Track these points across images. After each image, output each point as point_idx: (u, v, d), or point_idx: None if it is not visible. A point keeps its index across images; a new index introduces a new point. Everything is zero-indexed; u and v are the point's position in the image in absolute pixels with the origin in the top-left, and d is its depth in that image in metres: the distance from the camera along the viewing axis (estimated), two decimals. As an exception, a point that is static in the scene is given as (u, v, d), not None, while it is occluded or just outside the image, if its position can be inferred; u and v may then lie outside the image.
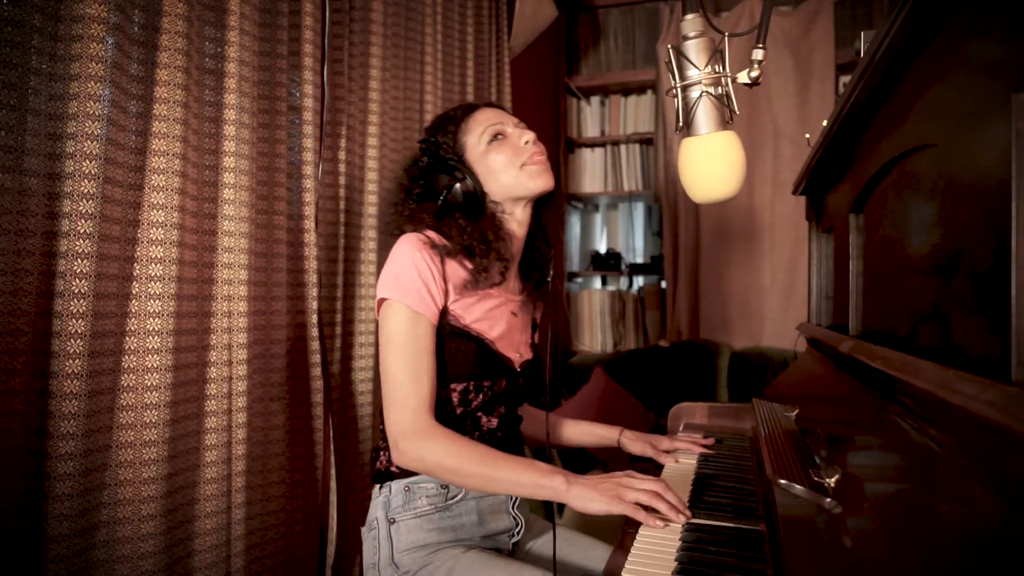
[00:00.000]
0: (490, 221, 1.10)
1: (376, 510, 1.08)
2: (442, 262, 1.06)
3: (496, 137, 1.13)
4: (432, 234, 1.10)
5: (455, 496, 1.06)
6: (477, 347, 1.08)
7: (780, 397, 1.21)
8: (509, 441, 1.16)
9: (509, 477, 0.97)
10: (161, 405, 1.14)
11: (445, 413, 1.07)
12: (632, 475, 0.94)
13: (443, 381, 1.07)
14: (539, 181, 1.12)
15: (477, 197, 1.10)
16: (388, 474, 1.08)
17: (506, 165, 1.11)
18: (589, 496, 0.91)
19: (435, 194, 1.12)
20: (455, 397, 1.08)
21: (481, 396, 1.09)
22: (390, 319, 1.03)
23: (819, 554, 0.61)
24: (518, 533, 1.11)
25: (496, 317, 1.12)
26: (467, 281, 1.07)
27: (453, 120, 1.16)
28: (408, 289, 1.02)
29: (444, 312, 1.06)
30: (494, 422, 1.12)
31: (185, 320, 1.21)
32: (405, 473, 1.06)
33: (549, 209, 1.23)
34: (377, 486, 1.11)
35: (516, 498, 1.11)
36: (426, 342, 1.03)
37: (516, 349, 1.15)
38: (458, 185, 1.10)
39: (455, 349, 1.07)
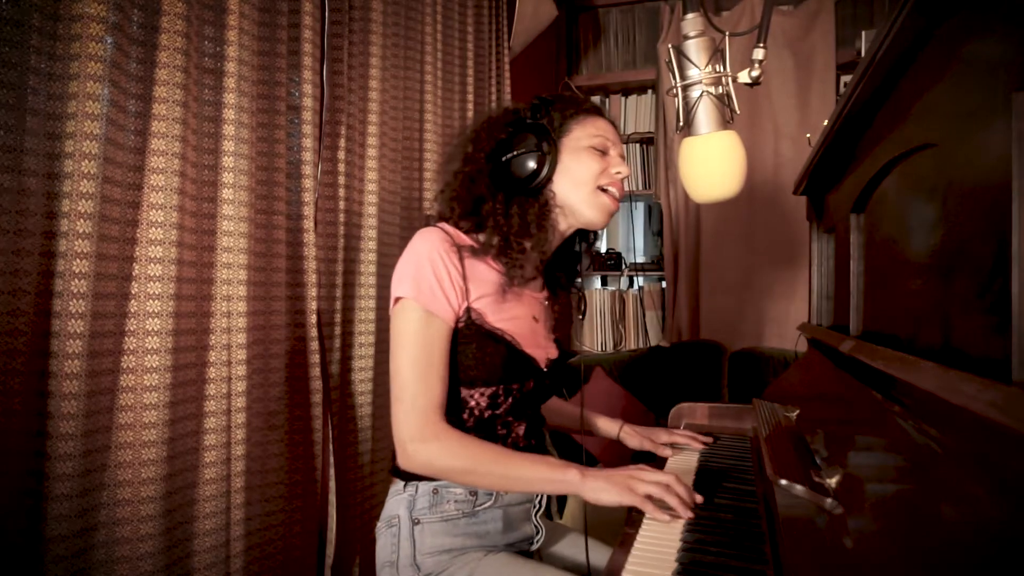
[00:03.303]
0: (541, 207, 1.06)
1: (398, 507, 1.05)
2: (461, 260, 1.02)
3: (598, 149, 1.09)
4: (452, 229, 1.06)
5: (483, 503, 1.04)
6: (505, 349, 1.04)
7: (781, 397, 1.21)
8: (538, 449, 1.14)
9: (524, 474, 0.97)
10: (160, 405, 1.14)
11: (473, 418, 1.05)
12: (644, 468, 0.96)
13: (469, 384, 1.04)
14: (596, 214, 1.08)
15: (541, 178, 1.05)
16: (416, 474, 1.05)
17: (587, 178, 1.07)
18: (602, 487, 0.93)
19: (506, 152, 1.06)
20: (483, 401, 1.05)
21: (511, 399, 1.07)
22: (402, 318, 1.00)
23: (820, 555, 0.61)
24: (538, 541, 1.11)
25: (521, 316, 1.09)
26: (500, 283, 1.04)
27: (575, 104, 1.11)
28: (422, 288, 0.99)
29: (468, 311, 1.03)
30: (522, 428, 1.10)
31: (184, 320, 1.21)
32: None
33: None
34: (401, 483, 1.07)
35: (539, 507, 1.11)
36: (439, 343, 1.00)
37: (541, 348, 1.13)
38: (534, 157, 1.04)
39: (482, 352, 1.03)
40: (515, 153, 1.05)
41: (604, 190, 1.08)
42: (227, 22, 1.27)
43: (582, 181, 1.07)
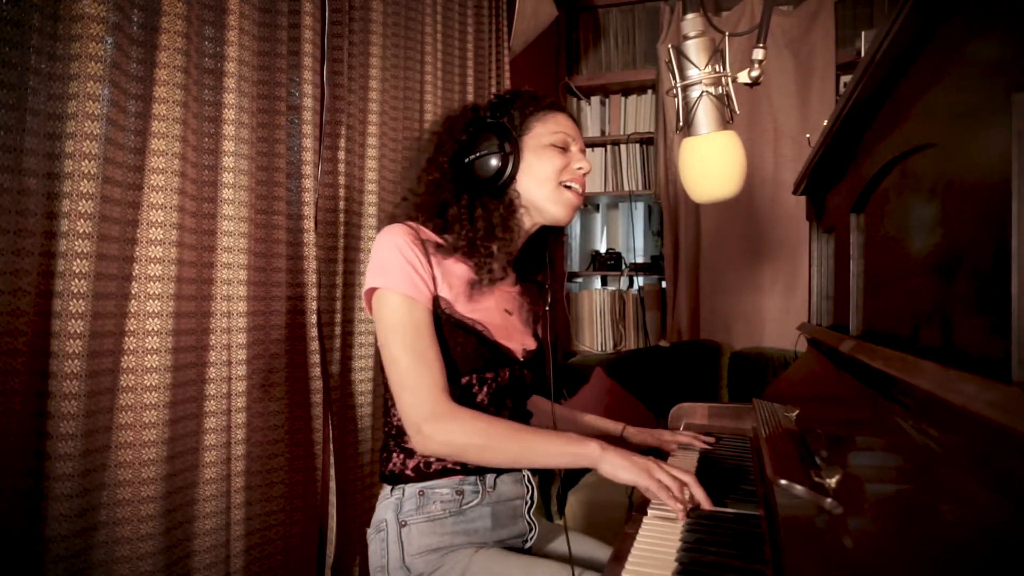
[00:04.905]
0: (506, 208, 1.07)
1: (386, 512, 1.06)
2: (427, 252, 1.03)
3: (559, 146, 1.09)
4: (417, 226, 1.07)
5: (470, 502, 1.04)
6: (476, 339, 1.04)
7: (781, 397, 1.21)
8: None
9: (543, 448, 0.96)
10: (160, 405, 1.14)
11: None
12: (664, 463, 0.96)
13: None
14: (561, 210, 1.08)
15: (505, 178, 1.06)
16: (402, 477, 1.05)
17: (549, 175, 1.07)
18: (622, 464, 0.93)
19: (468, 154, 1.06)
20: (456, 391, 1.04)
21: (485, 389, 1.06)
22: (385, 308, 1.00)
23: (820, 555, 0.61)
24: (532, 538, 1.11)
25: (491, 307, 1.09)
26: (469, 278, 1.05)
27: (536, 102, 1.11)
28: (396, 276, 0.99)
29: (436, 300, 1.03)
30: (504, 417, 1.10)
31: (184, 320, 1.21)
32: (420, 477, 1.04)
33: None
34: (388, 487, 1.07)
35: (531, 503, 1.10)
36: (426, 326, 1.00)
37: (516, 339, 1.12)
38: (496, 157, 1.05)
39: (453, 343, 1.03)
40: (477, 155, 1.06)
41: (567, 186, 1.09)
42: (227, 22, 1.27)
43: (545, 178, 1.07)
